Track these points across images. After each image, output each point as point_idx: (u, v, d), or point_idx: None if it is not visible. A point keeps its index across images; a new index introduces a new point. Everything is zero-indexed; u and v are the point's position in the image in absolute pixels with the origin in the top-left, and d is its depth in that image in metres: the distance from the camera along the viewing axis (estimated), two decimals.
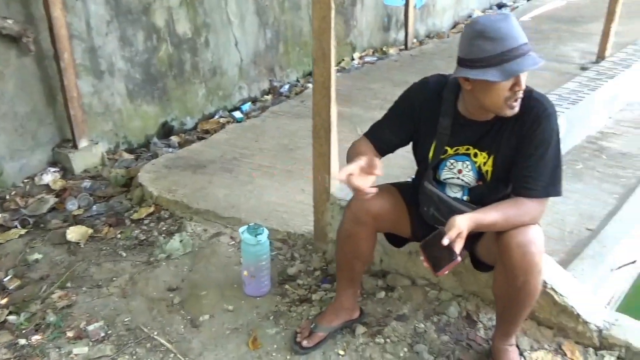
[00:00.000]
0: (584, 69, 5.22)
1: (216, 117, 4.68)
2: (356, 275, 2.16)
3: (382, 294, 2.40)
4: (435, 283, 2.40)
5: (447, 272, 1.68)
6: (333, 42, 2.32)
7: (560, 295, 2.08)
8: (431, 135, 1.88)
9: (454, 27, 7.99)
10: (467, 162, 1.86)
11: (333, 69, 2.39)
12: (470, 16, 8.33)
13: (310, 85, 5.33)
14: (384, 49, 6.53)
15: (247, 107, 4.90)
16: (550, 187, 1.76)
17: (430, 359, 2.06)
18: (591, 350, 2.07)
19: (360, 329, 2.20)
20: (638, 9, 7.73)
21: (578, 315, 2.07)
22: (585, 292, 2.25)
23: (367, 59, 6.09)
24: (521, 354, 2.02)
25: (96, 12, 3.71)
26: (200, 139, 4.23)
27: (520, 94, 1.68)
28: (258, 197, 3.23)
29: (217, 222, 3.01)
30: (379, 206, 1.94)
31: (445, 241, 1.64)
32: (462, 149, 1.85)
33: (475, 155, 1.83)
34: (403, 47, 6.48)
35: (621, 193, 3.59)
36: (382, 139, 1.97)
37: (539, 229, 1.77)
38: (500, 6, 8.98)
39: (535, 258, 1.71)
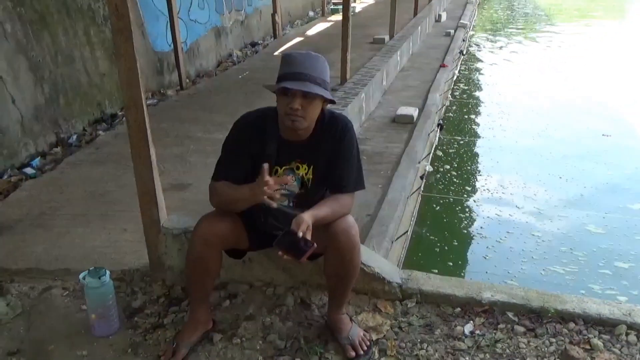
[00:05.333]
0: (333, 90, 5.93)
1: (5, 177, 4.21)
2: (208, 291, 2.25)
3: (227, 302, 2.50)
4: (269, 282, 2.60)
5: (307, 257, 1.87)
6: (143, 89, 2.37)
7: (369, 266, 2.45)
8: (263, 159, 2.03)
9: (218, 65, 8.27)
10: (292, 176, 2.10)
11: (146, 114, 2.42)
12: (230, 55, 8.70)
13: (100, 132, 5.11)
14: (161, 91, 6.52)
15: (37, 162, 4.49)
16: (357, 183, 2.10)
17: (282, 344, 2.25)
18: (397, 302, 2.48)
19: (217, 336, 2.28)
20: (362, 39, 9.00)
21: (384, 279, 2.46)
22: (384, 261, 2.67)
23: (148, 102, 6.02)
24: (350, 319, 2.33)
25: None
26: None
27: (294, 112, 1.89)
28: (80, 245, 3.05)
29: (44, 277, 2.76)
30: (224, 227, 2.07)
31: (300, 234, 1.85)
32: (287, 166, 2.09)
33: (298, 168, 2.09)
34: (179, 87, 6.56)
35: (383, 183, 4.24)
36: (233, 176, 2.05)
37: (352, 217, 2.09)
38: (253, 44, 9.54)
39: (355, 239, 2.04)
